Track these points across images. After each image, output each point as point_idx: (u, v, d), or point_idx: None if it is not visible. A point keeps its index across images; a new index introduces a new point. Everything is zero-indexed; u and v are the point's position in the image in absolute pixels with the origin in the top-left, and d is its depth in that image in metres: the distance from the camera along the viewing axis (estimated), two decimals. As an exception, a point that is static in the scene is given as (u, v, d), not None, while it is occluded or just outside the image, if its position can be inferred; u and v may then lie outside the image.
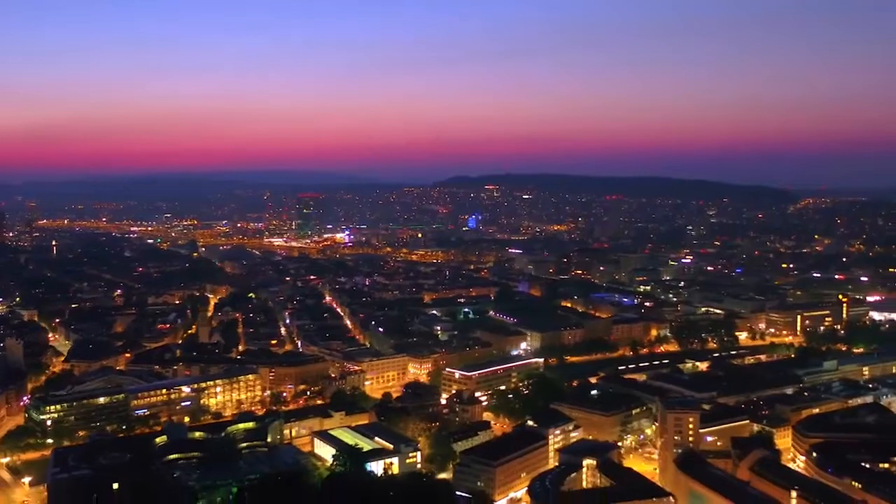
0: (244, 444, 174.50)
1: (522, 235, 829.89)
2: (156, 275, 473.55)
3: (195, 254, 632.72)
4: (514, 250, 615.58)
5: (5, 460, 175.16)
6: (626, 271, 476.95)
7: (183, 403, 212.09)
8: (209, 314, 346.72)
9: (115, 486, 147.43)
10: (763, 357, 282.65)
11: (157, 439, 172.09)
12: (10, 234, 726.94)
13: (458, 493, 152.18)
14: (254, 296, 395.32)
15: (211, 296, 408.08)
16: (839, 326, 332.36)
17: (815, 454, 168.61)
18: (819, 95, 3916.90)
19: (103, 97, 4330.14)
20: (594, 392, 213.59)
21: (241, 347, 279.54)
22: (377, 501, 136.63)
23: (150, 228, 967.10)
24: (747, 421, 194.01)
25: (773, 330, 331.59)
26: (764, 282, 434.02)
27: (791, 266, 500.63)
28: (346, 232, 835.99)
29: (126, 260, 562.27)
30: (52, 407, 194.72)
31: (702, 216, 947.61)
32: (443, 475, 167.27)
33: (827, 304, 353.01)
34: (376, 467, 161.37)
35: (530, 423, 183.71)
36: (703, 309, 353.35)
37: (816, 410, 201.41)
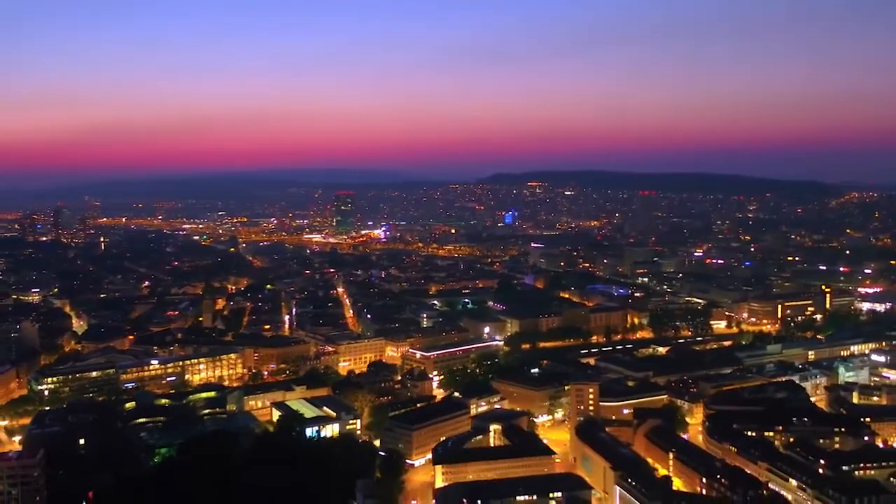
0: (206, 411, 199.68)
1: (556, 231, 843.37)
2: (186, 268, 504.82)
3: (232, 249, 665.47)
4: (536, 245, 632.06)
5: (4, 423, 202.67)
6: (629, 264, 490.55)
7: (168, 378, 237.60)
8: (223, 303, 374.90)
9: (82, 441, 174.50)
10: (727, 343, 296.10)
11: (127, 405, 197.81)
12: (64, 232, 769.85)
13: (381, 453, 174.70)
14: (270, 287, 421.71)
15: (232, 287, 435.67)
16: (820, 316, 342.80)
17: (706, 423, 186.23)
18: (869, 89, 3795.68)
19: (165, 97, 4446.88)
20: (534, 371, 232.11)
21: (241, 331, 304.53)
22: (301, 457, 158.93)
23: (200, 226, 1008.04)
24: (665, 396, 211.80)
25: (753, 319, 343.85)
26: (765, 274, 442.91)
27: (797, 259, 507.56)
28: (383, 228, 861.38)
29: (165, 255, 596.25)
30: (49, 379, 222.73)
31: (732, 212, 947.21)
32: (378, 441, 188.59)
33: (810, 294, 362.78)
34: (324, 431, 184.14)
35: (456, 394, 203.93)
36: (686, 299, 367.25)
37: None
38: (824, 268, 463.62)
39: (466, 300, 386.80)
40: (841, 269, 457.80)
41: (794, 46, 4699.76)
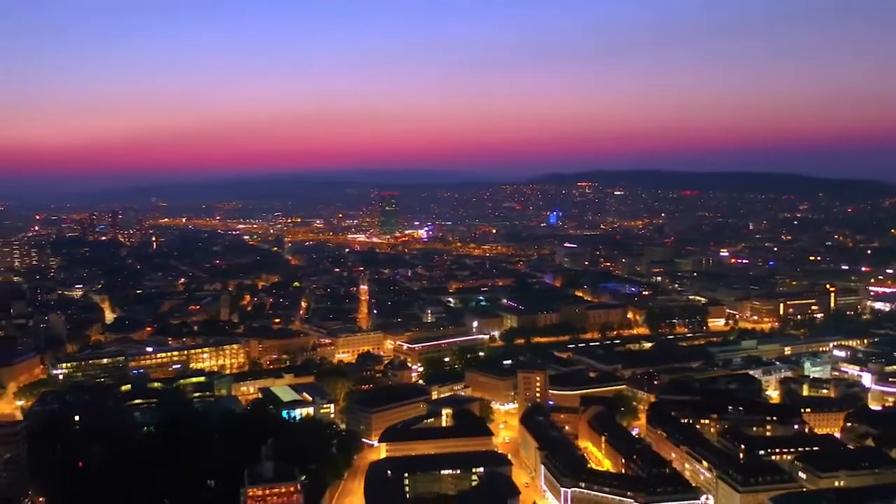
0: (196, 395, 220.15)
1: (597, 232, 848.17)
2: (223, 266, 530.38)
3: (275, 248, 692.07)
4: (568, 245, 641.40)
5: (20, 402, 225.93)
6: (646, 263, 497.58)
7: (174, 366, 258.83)
8: (249, 298, 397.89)
9: (77, 417, 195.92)
10: (716, 339, 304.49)
11: (123, 387, 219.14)
12: (122, 232, 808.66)
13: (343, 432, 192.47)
14: (297, 284, 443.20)
15: (262, 283, 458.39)
16: (821, 314, 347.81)
17: (648, 411, 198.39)
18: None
19: (233, 101, 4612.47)
20: (507, 362, 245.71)
21: (252, 325, 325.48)
22: (263, 433, 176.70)
23: (254, 226, 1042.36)
24: (623, 386, 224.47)
25: (756, 317, 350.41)
26: (784, 274, 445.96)
27: (819, 259, 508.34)
28: (426, 228, 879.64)
29: (209, 254, 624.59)
30: (64, 364, 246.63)
31: (781, 211, 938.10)
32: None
33: (814, 293, 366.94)
34: (299, 414, 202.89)
35: (420, 381, 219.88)
36: (689, 297, 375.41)
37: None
38: (846, 267, 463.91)
39: (481, 297, 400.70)
40: (862, 269, 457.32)
41: (854, 42, 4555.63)
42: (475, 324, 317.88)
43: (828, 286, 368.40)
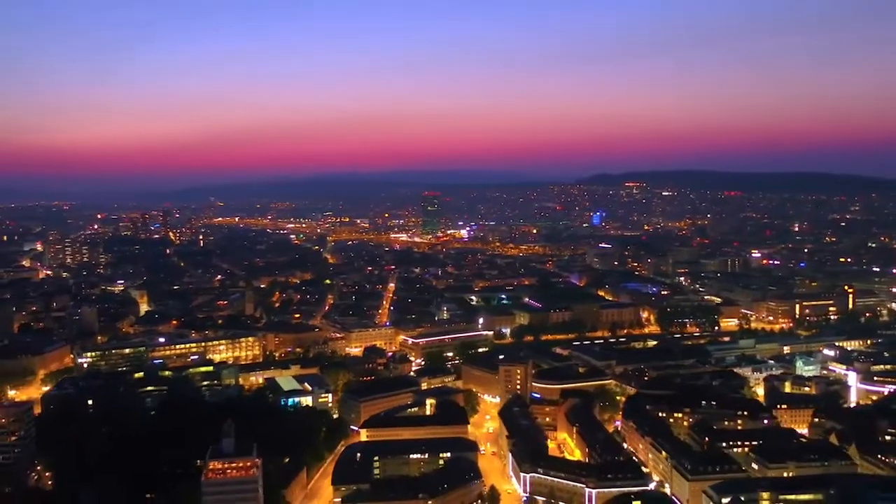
0: (205, 383, 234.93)
1: (638, 232, 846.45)
2: (261, 264, 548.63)
3: (316, 247, 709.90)
4: (603, 245, 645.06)
5: (46, 388, 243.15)
6: (671, 264, 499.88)
7: (192, 357, 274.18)
8: (279, 295, 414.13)
9: (90, 401, 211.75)
10: (724, 339, 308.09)
11: (136, 375, 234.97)
12: (172, 230, 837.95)
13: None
14: (328, 281, 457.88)
15: (294, 280, 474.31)
16: (837, 315, 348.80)
17: (624, 404, 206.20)
18: None
19: (292, 103, 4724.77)
20: (501, 357, 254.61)
21: (273, 319, 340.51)
22: (257, 418, 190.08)
23: (303, 225, 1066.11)
24: (611, 381, 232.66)
25: (771, 317, 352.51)
26: (808, 275, 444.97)
27: (851, 261, 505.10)
28: (468, 228, 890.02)
29: (252, 252, 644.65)
30: (89, 354, 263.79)
31: (832, 212, 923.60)
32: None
33: (832, 294, 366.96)
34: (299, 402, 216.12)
35: (411, 373, 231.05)
36: (705, 297, 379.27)
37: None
38: (877, 269, 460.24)
39: (503, 296, 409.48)
40: (894, 270, 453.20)
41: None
42: (481, 320, 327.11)
43: (846, 287, 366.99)
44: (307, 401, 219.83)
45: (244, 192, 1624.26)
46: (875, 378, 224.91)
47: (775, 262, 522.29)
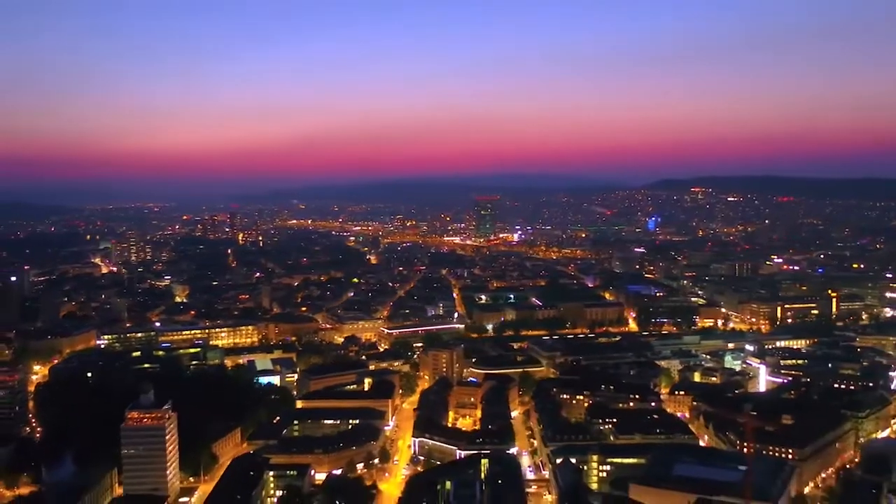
0: (194, 362, 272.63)
1: (689, 238, 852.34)
2: (305, 263, 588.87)
3: (365, 248, 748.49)
4: (638, 250, 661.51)
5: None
6: (680, 267, 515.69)
7: (196, 342, 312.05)
8: (301, 290, 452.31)
9: (89, 374, 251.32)
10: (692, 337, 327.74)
11: (133, 354, 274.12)
12: (241, 231, 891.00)
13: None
14: (356, 280, 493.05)
15: (325, 278, 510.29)
16: (819, 318, 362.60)
17: (535, 387, 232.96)
18: None
19: (374, 107, 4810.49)
20: (461, 346, 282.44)
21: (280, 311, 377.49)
22: (225, 390, 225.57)
23: (369, 228, 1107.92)
24: (544, 368, 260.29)
25: (753, 318, 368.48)
26: (815, 280, 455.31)
27: (863, 266, 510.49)
28: (519, 232, 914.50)
29: (304, 252, 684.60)
30: (107, 336, 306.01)
31: (881, 218, 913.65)
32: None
33: (818, 297, 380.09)
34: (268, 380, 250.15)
35: (363, 357, 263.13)
36: (691, 299, 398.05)
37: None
38: (890, 275, 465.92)
39: (510, 295, 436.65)
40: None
41: None
42: (456, 315, 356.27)
43: (829, 291, 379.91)
44: (275, 379, 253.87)
45: (325, 195, 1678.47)
46: (782, 371, 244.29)
47: (794, 268, 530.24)
